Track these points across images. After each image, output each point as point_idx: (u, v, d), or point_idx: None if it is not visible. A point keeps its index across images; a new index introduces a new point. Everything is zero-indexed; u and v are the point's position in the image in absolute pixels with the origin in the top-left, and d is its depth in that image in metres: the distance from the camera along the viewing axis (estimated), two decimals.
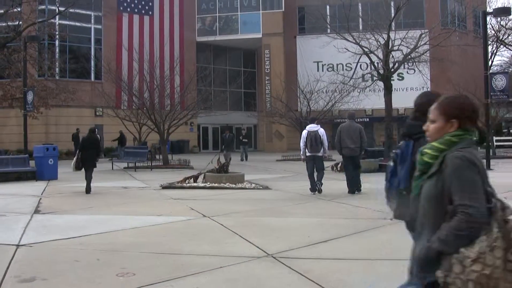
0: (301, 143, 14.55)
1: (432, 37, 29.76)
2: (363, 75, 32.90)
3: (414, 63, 29.31)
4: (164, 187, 16.24)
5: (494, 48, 36.43)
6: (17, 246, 7.78)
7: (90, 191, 15.33)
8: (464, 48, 36.74)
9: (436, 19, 38.05)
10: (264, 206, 12.08)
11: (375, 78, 30.39)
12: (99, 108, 37.96)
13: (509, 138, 44.55)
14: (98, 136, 17.43)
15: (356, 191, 14.13)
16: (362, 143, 14.27)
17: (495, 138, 38.16)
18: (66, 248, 7.71)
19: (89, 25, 40.73)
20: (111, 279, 6.07)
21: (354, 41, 27.86)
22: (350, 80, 31.79)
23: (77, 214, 11.23)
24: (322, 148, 14.29)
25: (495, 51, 36.75)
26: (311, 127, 14.41)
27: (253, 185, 16.25)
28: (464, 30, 45.40)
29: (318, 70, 46.79)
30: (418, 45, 27.32)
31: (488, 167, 21.68)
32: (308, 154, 14.33)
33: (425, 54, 28.76)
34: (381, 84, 28.59)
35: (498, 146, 37.77)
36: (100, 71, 38.92)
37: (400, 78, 44.31)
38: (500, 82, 22.89)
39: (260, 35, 47.54)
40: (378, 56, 27.35)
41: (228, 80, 47.21)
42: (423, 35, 27.84)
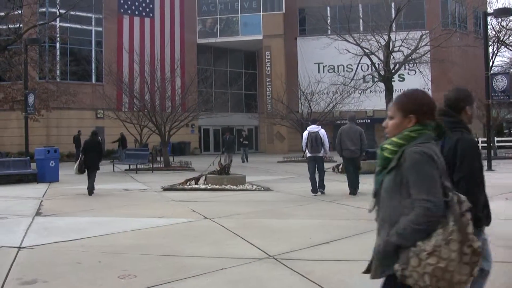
0: (303, 144, 14.81)
1: (433, 38, 29.80)
2: (364, 76, 32.96)
3: (415, 64, 29.35)
4: (166, 189, 16.25)
5: (495, 49, 36.46)
6: (19, 249, 7.78)
7: (93, 193, 15.44)
8: (465, 49, 36.77)
9: (437, 20, 38.07)
10: (266, 208, 12.08)
11: (376, 79, 30.43)
12: (100, 110, 37.93)
13: (510, 139, 44.49)
14: (100, 139, 17.51)
15: (350, 193, 14.26)
16: (362, 145, 14.36)
17: (496, 139, 38.11)
18: (68, 250, 7.71)
19: (90, 28, 40.76)
20: (113, 281, 6.07)
21: (355, 43, 27.91)
22: (351, 82, 31.83)
23: (79, 216, 11.24)
24: (323, 149, 14.39)
25: (496, 52, 36.80)
26: (312, 128, 14.58)
27: (255, 187, 16.25)
28: (465, 31, 45.41)
29: (319, 72, 46.80)
30: (419, 46, 27.37)
31: (490, 168, 21.66)
32: (309, 155, 14.54)
33: (426, 55, 28.82)
34: (382, 85, 28.62)
35: (499, 147, 37.74)
36: (101, 73, 38.94)
37: (401, 79, 44.31)
38: (501, 83, 22.87)
39: (261, 37, 47.54)
40: (379, 57, 27.39)
41: (229, 82, 47.21)
42: (424, 36, 27.90)
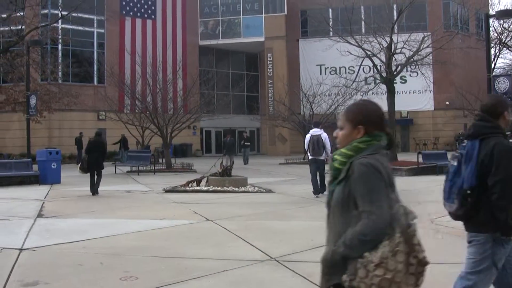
0: (305, 146, 15.05)
1: (435, 40, 29.76)
2: (366, 78, 32.91)
3: (417, 66, 29.29)
4: (167, 191, 16.25)
5: (497, 51, 36.47)
6: (20, 250, 7.78)
7: (97, 193, 15.73)
8: (467, 51, 36.70)
9: (439, 22, 38.03)
10: (267, 210, 12.07)
11: (378, 81, 30.40)
12: (102, 112, 37.95)
13: (510, 141, 44.39)
14: (104, 139, 17.66)
15: None
16: None
17: None
18: (69, 252, 7.72)
19: (92, 29, 40.76)
20: (114, 283, 6.07)
21: (357, 44, 27.87)
22: (353, 83, 31.78)
23: (80, 218, 11.24)
24: (324, 152, 14.46)
25: (498, 54, 36.79)
26: (315, 131, 14.70)
27: (256, 189, 16.25)
28: (467, 33, 45.36)
29: (321, 73, 46.75)
30: (421, 48, 27.32)
31: None
32: (311, 157, 14.65)
33: (428, 57, 28.76)
34: (384, 87, 28.57)
35: None
36: (103, 75, 38.92)
37: (403, 81, 44.28)
38: (503, 85, 22.81)
39: (263, 39, 47.49)
40: (381, 59, 27.35)
41: (231, 84, 47.21)
42: (426, 38, 27.86)
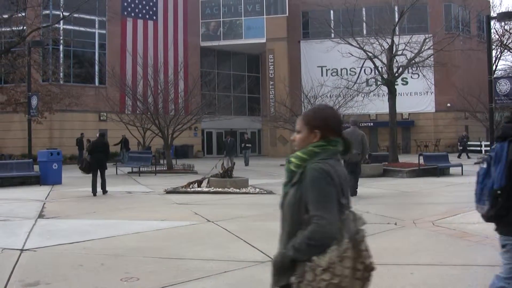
0: None
1: (436, 42, 29.77)
2: (367, 80, 32.89)
3: (418, 68, 29.31)
4: (168, 192, 16.24)
5: (498, 53, 36.42)
6: (21, 251, 7.78)
7: (106, 192, 16.04)
8: (468, 53, 36.65)
9: (440, 24, 38.07)
10: (268, 211, 12.05)
11: (379, 83, 30.41)
12: (103, 113, 37.99)
13: None
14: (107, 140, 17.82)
15: (351, 195, 14.28)
16: (364, 149, 14.52)
17: None
18: (70, 253, 7.71)
19: (93, 30, 40.81)
20: (115, 284, 6.07)
21: (358, 46, 27.87)
22: (354, 85, 31.75)
23: (81, 219, 11.23)
24: None
25: (499, 56, 36.75)
26: None
27: (257, 190, 16.23)
28: (468, 35, 45.36)
29: (322, 75, 46.73)
30: (422, 50, 27.32)
31: None
32: None
33: (429, 59, 28.74)
34: (385, 89, 28.60)
35: None
36: (104, 76, 38.98)
37: (404, 83, 44.29)
38: (505, 87, 22.80)
39: (264, 40, 47.52)
40: (382, 61, 27.35)
41: (232, 85, 47.24)
42: (427, 40, 27.89)
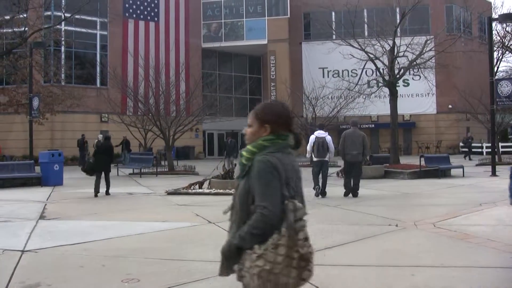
0: (308, 147, 14.97)
1: (438, 43, 29.74)
2: (369, 81, 32.90)
3: (420, 69, 29.27)
4: (170, 193, 16.24)
5: (500, 54, 36.31)
6: (22, 252, 7.79)
7: (109, 194, 16.16)
8: (470, 54, 36.59)
9: (442, 25, 38.05)
10: None
11: (381, 84, 30.37)
12: (105, 114, 38.01)
13: None
14: (112, 143, 18.05)
15: (353, 196, 14.75)
16: (365, 150, 14.79)
17: (501, 144, 37.99)
18: (71, 254, 7.71)
19: (95, 31, 40.85)
20: (116, 285, 6.07)
21: (360, 47, 27.86)
22: (356, 86, 31.75)
23: (82, 220, 11.24)
24: (328, 154, 14.68)
25: (501, 57, 36.60)
26: (320, 133, 14.81)
27: None
28: (470, 36, 45.33)
29: (324, 76, 46.78)
30: (424, 51, 27.30)
31: (494, 174, 21.58)
32: (315, 159, 14.74)
33: (431, 60, 28.72)
34: (387, 90, 28.57)
35: (504, 152, 37.60)
36: (106, 77, 39.01)
37: (406, 84, 44.30)
38: (506, 88, 22.80)
39: (266, 41, 47.55)
40: (384, 62, 27.33)
41: (234, 86, 47.25)
42: (429, 41, 27.83)
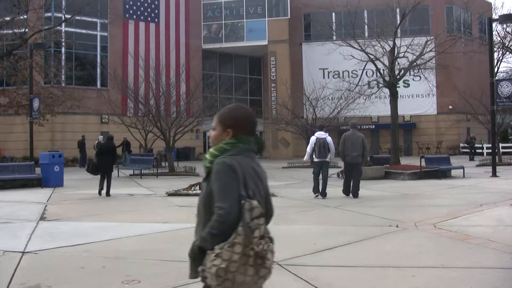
0: (309, 148, 15.15)
1: (438, 44, 29.73)
2: (369, 82, 32.89)
3: (420, 70, 29.26)
4: (170, 194, 16.23)
5: (500, 55, 36.34)
6: (23, 253, 7.78)
7: (110, 195, 16.15)
8: (470, 55, 36.67)
9: (442, 26, 38.03)
10: None
11: (381, 85, 30.41)
12: (105, 115, 37.98)
13: None
14: (115, 144, 18.12)
15: (354, 197, 14.85)
16: (364, 151, 15.01)
17: (501, 145, 37.99)
18: (71, 255, 7.71)
19: (95, 33, 40.86)
20: (116, 286, 6.06)
21: (360, 48, 27.86)
22: (356, 87, 31.76)
23: (83, 221, 11.24)
24: (329, 154, 14.87)
25: (501, 58, 36.65)
26: (320, 134, 15.01)
27: None
28: (470, 37, 45.37)
29: (324, 77, 46.82)
30: (424, 52, 27.30)
31: (494, 174, 21.58)
32: (316, 160, 14.94)
33: (431, 61, 28.72)
34: (387, 91, 28.58)
35: (504, 153, 37.60)
36: (106, 78, 39.02)
37: (406, 85, 44.31)
38: (506, 89, 22.80)
39: (266, 42, 47.57)
40: (384, 63, 27.34)
41: (234, 87, 47.22)
42: (429, 42, 27.82)
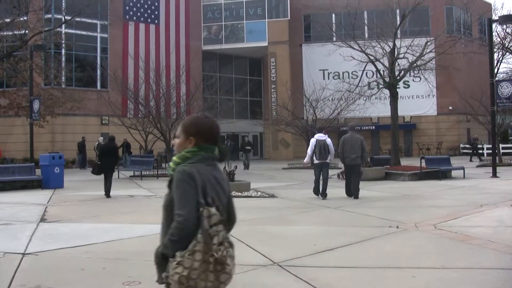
0: (309, 150, 15.30)
1: (438, 45, 29.75)
2: (369, 83, 32.90)
3: (420, 71, 29.29)
4: None
5: (500, 56, 36.35)
6: (23, 255, 7.78)
7: (110, 196, 16.11)
8: (470, 56, 36.68)
9: (442, 27, 38.04)
10: (270, 214, 12.06)
11: (381, 86, 30.40)
12: (105, 117, 37.95)
13: None
14: (117, 144, 18.14)
15: (354, 197, 14.93)
16: (363, 153, 15.19)
17: (501, 146, 37.97)
18: (72, 257, 7.71)
19: (95, 34, 40.84)
20: None
21: (360, 49, 27.88)
22: (356, 88, 31.77)
23: (83, 223, 11.24)
24: (329, 156, 15.06)
25: (501, 59, 36.66)
26: (320, 136, 15.22)
27: (259, 193, 16.24)
28: (470, 38, 45.38)
29: (324, 78, 46.83)
30: (424, 53, 27.32)
31: (494, 175, 21.58)
32: (317, 162, 15.12)
33: (431, 62, 28.74)
34: (387, 92, 28.58)
35: (504, 154, 37.58)
36: (106, 80, 39.00)
37: (406, 86, 44.32)
38: (506, 90, 22.80)
39: (266, 44, 47.56)
40: (384, 64, 27.35)
41: (234, 89, 47.23)
42: (429, 43, 27.84)
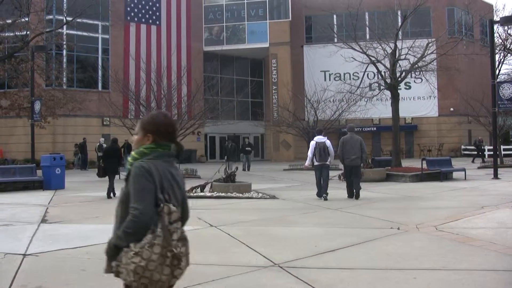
0: (310, 153, 15.40)
1: (439, 46, 29.76)
2: (370, 84, 32.92)
3: (421, 72, 29.29)
4: None
5: (502, 57, 36.37)
6: (24, 256, 7.78)
7: (111, 197, 16.08)
8: (471, 57, 36.63)
9: (443, 28, 38.07)
10: (271, 216, 12.05)
11: (382, 87, 30.38)
12: (106, 118, 37.96)
13: None
14: (119, 146, 18.23)
15: (355, 198, 15.11)
16: (363, 154, 15.38)
17: (503, 147, 37.93)
18: (73, 258, 7.71)
19: (97, 35, 40.87)
20: None
21: (361, 51, 27.87)
22: (357, 89, 31.77)
23: (84, 224, 11.24)
24: (329, 157, 15.20)
25: (503, 60, 36.69)
26: (319, 139, 15.34)
27: (260, 195, 16.23)
28: (471, 39, 45.36)
29: (325, 80, 46.80)
30: (425, 54, 27.31)
31: (496, 176, 21.56)
32: (317, 164, 15.24)
33: (432, 63, 28.73)
34: (388, 93, 28.57)
35: (506, 155, 37.55)
36: (108, 81, 39.03)
37: (407, 87, 44.28)
38: (508, 91, 22.77)
39: (267, 45, 47.55)
40: (385, 65, 27.34)
41: (235, 90, 47.23)
42: (430, 44, 27.84)
